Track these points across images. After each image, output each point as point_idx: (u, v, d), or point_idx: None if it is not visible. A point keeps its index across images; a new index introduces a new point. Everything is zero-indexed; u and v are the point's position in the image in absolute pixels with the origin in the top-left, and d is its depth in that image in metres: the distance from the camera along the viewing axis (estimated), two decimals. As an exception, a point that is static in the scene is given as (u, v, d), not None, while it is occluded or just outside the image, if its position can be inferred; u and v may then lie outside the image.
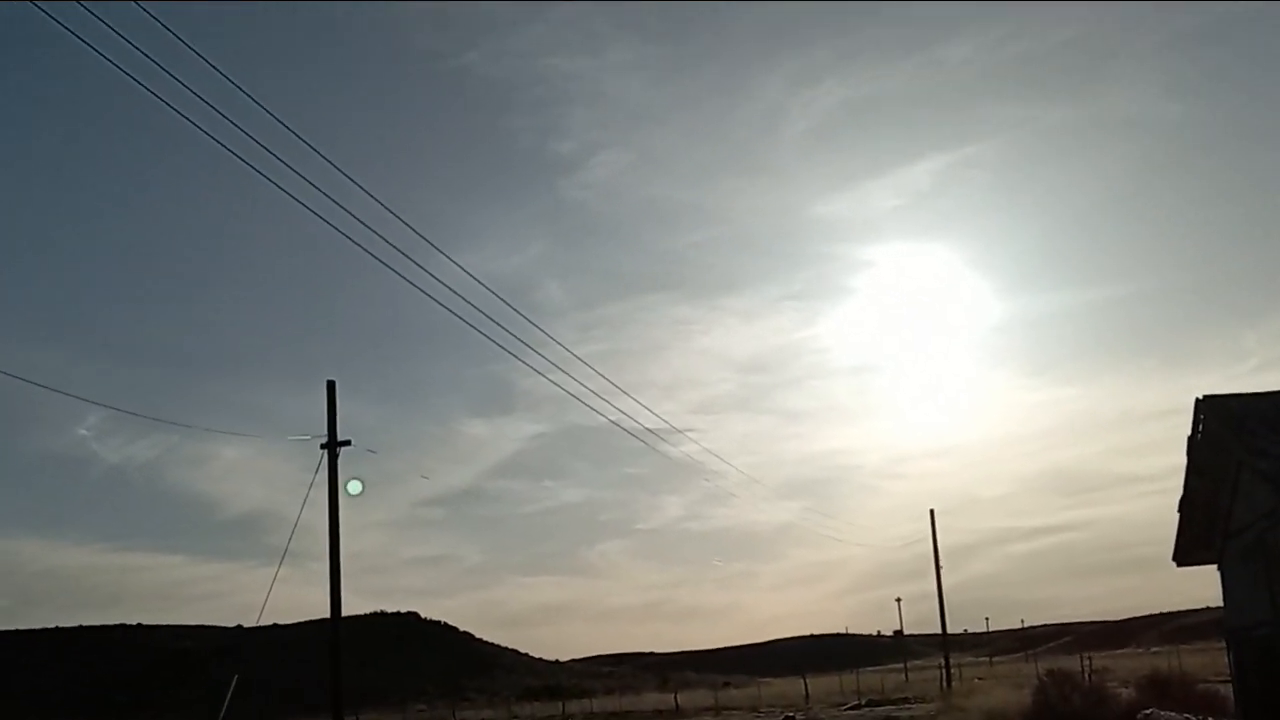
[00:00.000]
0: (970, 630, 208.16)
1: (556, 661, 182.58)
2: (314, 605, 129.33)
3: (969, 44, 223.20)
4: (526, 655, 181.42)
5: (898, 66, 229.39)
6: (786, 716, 51.59)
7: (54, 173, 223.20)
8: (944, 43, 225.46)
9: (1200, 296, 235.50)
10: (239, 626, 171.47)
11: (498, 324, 25.60)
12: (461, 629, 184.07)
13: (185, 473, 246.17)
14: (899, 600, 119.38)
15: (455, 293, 24.50)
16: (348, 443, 27.93)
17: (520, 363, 27.06)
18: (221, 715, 28.27)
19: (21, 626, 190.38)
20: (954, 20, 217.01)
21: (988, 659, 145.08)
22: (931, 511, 68.99)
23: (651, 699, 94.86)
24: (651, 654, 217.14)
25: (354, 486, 27.95)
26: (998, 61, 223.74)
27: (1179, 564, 28.21)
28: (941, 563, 68.48)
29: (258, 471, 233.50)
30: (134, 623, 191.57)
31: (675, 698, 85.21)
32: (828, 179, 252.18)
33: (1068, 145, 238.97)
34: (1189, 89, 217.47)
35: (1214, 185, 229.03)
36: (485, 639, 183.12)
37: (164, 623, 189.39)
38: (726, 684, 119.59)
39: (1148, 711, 25.10)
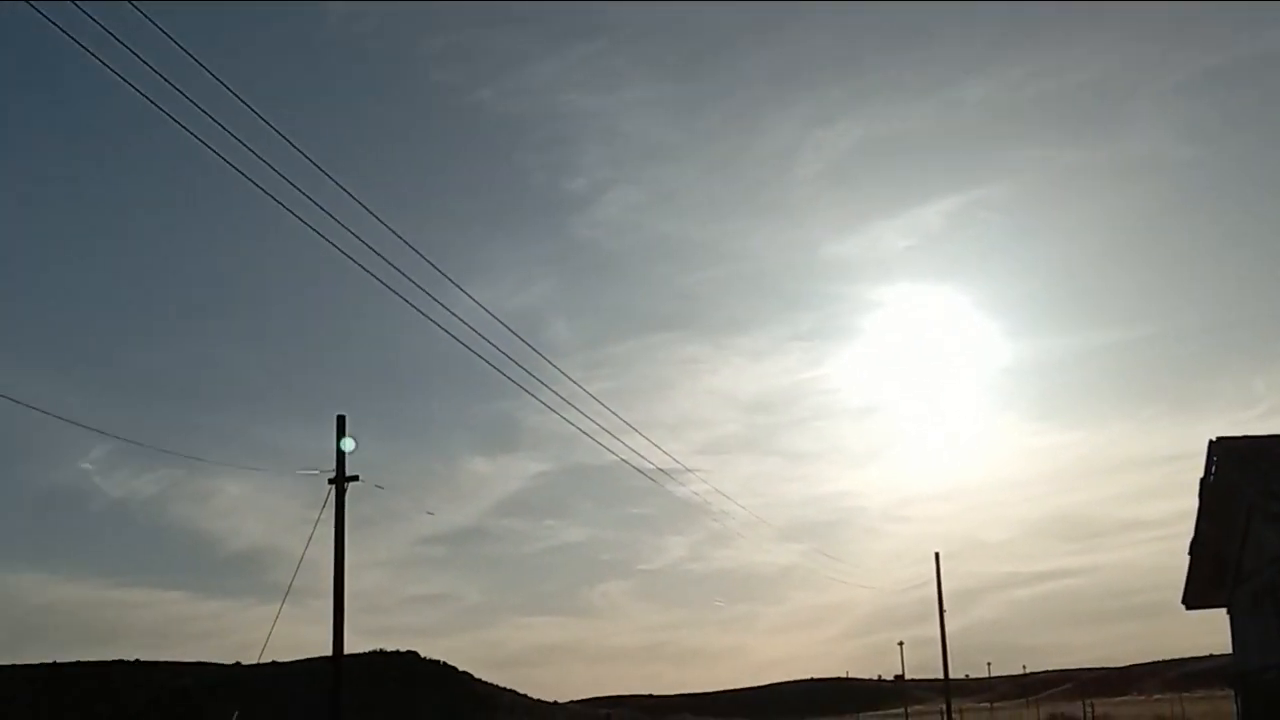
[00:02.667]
0: (971, 675, 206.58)
1: (555, 703, 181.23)
2: (313, 643, 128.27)
3: (987, 84, 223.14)
4: (525, 696, 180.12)
5: (914, 106, 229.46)
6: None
7: (61, 198, 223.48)
8: (961, 83, 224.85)
9: (1210, 341, 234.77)
10: (238, 664, 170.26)
11: (508, 357, 25.56)
12: (461, 669, 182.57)
13: (188, 508, 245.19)
14: (901, 644, 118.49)
15: (467, 325, 24.48)
16: (355, 478, 27.83)
17: (527, 400, 26.96)
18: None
19: (18, 661, 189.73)
20: (972, 61, 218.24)
21: (989, 705, 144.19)
22: (936, 555, 68.72)
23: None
24: (650, 696, 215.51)
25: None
26: (1015, 102, 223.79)
27: (1188, 607, 28.06)
28: (945, 606, 68.30)
29: (260, 507, 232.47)
30: (132, 659, 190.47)
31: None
32: (840, 219, 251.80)
33: (1082, 186, 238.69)
34: (1204, 132, 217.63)
35: (1227, 229, 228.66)
36: (484, 679, 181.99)
37: (163, 659, 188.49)
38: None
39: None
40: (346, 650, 27.76)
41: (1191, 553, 26.96)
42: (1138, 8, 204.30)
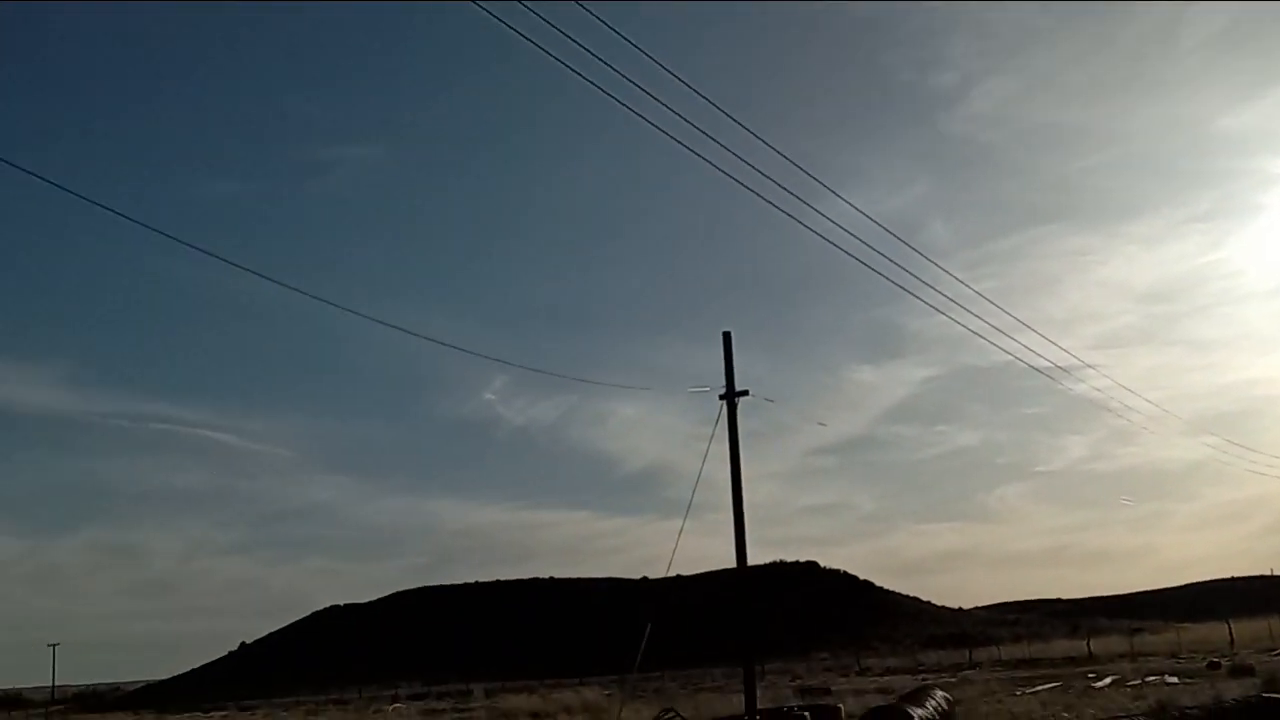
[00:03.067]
0: None
1: (959, 609, 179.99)
2: (714, 556, 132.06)
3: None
4: (929, 603, 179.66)
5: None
6: (1210, 662, 48.90)
7: (453, 143, 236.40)
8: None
9: None
10: (644, 578, 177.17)
11: (889, 259, 25.13)
12: (861, 577, 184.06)
13: (586, 431, 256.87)
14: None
15: (845, 230, 24.19)
16: (745, 392, 28.06)
17: (909, 303, 26.65)
18: (637, 663, 29.00)
19: (444, 582, 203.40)
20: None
21: None
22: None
23: (1061, 646, 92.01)
24: (1059, 600, 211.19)
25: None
26: None
27: None
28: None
29: (654, 427, 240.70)
30: (546, 576, 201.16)
31: (1088, 644, 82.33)
32: (1232, 89, 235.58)
33: None
34: None
35: None
36: (885, 587, 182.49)
37: (574, 575, 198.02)
38: (1139, 629, 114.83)
39: None
40: (748, 562, 28.15)
41: None
42: None
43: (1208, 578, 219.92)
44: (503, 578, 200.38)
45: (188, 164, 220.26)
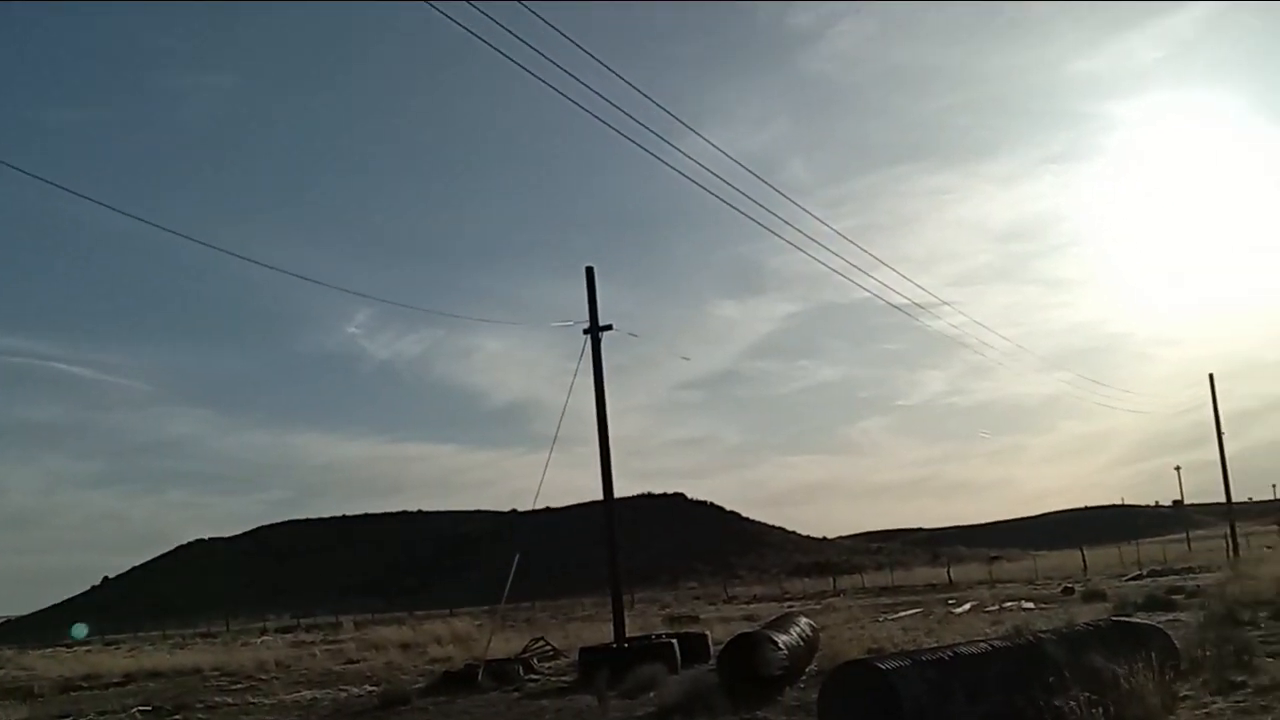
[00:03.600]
0: (1255, 498, 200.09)
1: (824, 539, 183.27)
2: (582, 489, 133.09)
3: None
4: (794, 533, 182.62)
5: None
6: (1065, 588, 50.38)
7: (312, 75, 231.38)
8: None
9: None
10: (513, 510, 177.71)
11: (749, 198, 25.14)
12: (728, 508, 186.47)
13: (451, 365, 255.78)
14: (1178, 469, 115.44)
15: (706, 169, 24.12)
16: (609, 327, 28.08)
17: (770, 241, 26.93)
18: (506, 594, 29.06)
19: (310, 515, 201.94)
20: None
21: (1275, 527, 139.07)
22: (1210, 376, 66.36)
23: (923, 574, 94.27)
24: (920, 529, 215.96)
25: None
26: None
27: None
28: (1223, 429, 65.97)
29: (520, 361, 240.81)
30: (414, 509, 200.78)
31: (948, 571, 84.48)
32: (1083, 33, 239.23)
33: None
34: None
35: None
36: (752, 517, 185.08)
37: (442, 509, 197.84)
38: (996, 557, 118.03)
39: None
40: (616, 494, 28.29)
41: None
42: None
43: (1062, 508, 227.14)
44: (370, 511, 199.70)
45: (31, 90, 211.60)
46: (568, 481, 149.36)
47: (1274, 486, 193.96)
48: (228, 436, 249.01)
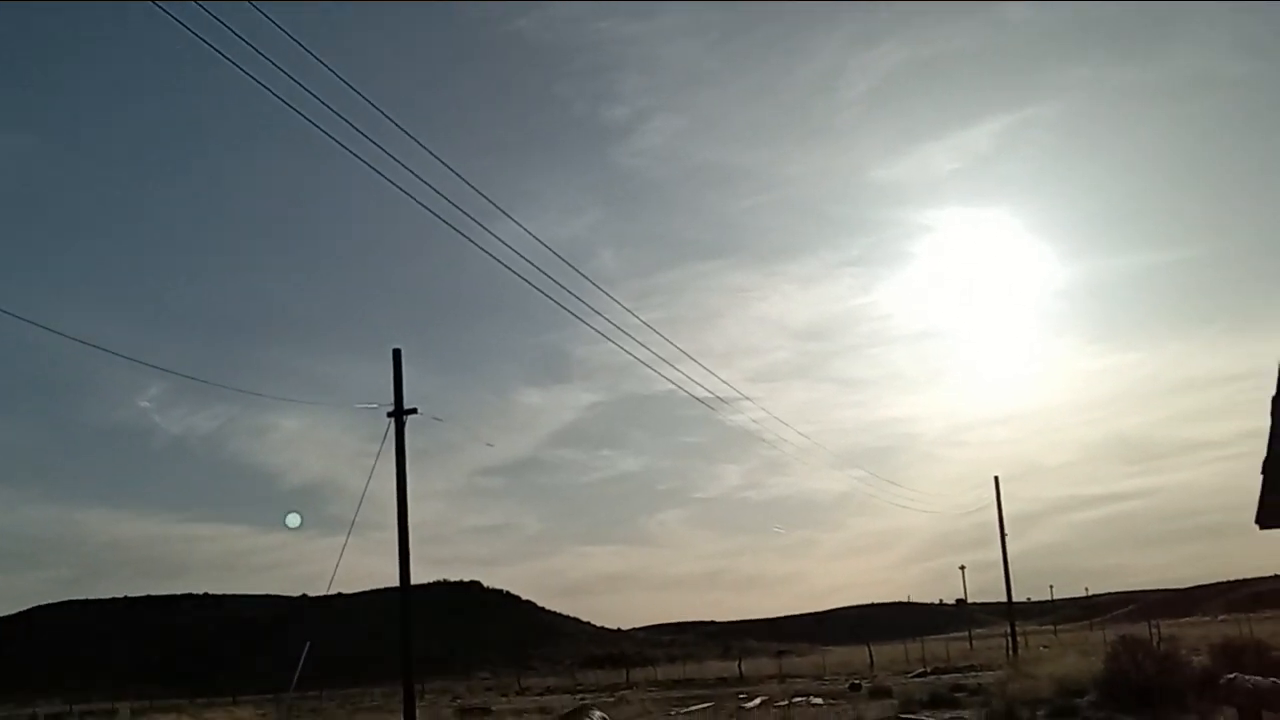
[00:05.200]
0: (1034, 599, 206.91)
1: (619, 630, 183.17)
2: (377, 574, 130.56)
3: (1031, 2, 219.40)
4: (589, 624, 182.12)
5: (959, 25, 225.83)
6: (852, 684, 51.24)
7: (115, 137, 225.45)
8: (1006, 1, 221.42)
9: (1267, 260, 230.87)
10: (304, 595, 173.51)
11: (559, 284, 25.39)
12: (524, 598, 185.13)
13: (246, 443, 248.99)
14: (963, 568, 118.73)
15: (517, 253, 24.33)
16: (414, 410, 27.84)
17: (577, 329, 27.11)
18: (294, 682, 28.35)
19: (90, 596, 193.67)
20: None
21: (1052, 627, 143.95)
22: (996, 479, 68.51)
23: (715, 667, 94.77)
24: (713, 622, 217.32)
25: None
26: (1060, 20, 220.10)
27: (1262, 526, 27.57)
28: (1005, 530, 68.08)
29: (319, 441, 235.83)
30: (201, 592, 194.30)
31: (739, 665, 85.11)
32: (886, 142, 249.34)
33: (1133, 106, 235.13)
34: (1257, 47, 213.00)
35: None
36: (547, 607, 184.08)
37: (231, 592, 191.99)
38: (786, 652, 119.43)
39: (1231, 676, 24.48)
40: (412, 581, 27.94)
41: (1264, 472, 26.48)
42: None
43: (851, 603, 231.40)
44: (155, 592, 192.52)
45: None
46: (364, 567, 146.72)
47: (1051, 588, 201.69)
48: (4, 511, 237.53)
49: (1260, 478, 26.93)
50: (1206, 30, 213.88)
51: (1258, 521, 27.75)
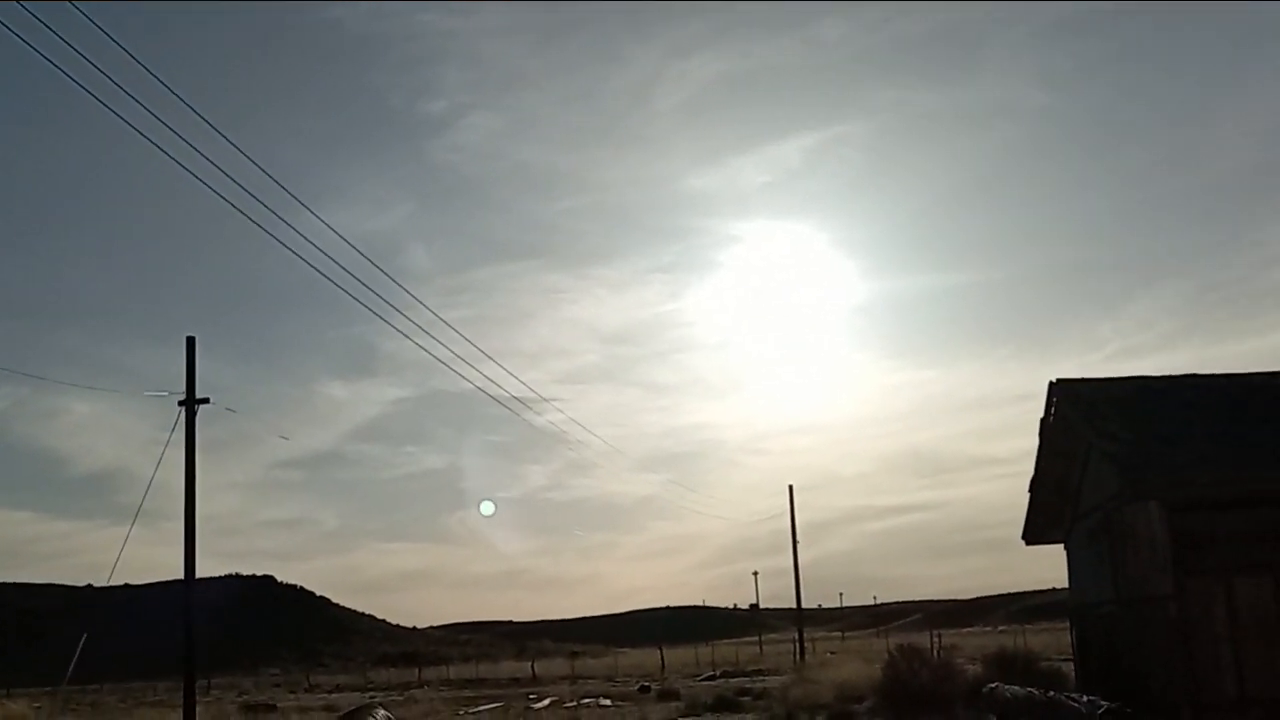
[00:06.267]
0: (824, 606, 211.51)
1: (414, 628, 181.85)
2: (167, 566, 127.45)
3: (846, 23, 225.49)
4: (384, 622, 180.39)
5: (773, 42, 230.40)
6: (642, 686, 51.88)
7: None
8: (820, 21, 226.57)
9: (1059, 284, 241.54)
10: (89, 586, 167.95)
11: (363, 284, 25.19)
12: (318, 593, 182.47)
13: (34, 427, 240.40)
14: (755, 574, 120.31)
15: (321, 250, 24.00)
16: (206, 400, 27.39)
17: (384, 325, 26.73)
18: (68, 676, 27.66)
19: None
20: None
21: (840, 634, 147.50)
22: (790, 488, 69.98)
23: (509, 667, 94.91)
24: (510, 622, 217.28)
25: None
26: (873, 42, 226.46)
27: (1028, 543, 28.95)
28: (799, 538, 69.67)
29: (110, 428, 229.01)
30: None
31: (532, 666, 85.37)
32: (699, 153, 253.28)
33: (937, 129, 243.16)
34: (1057, 79, 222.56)
35: (1077, 175, 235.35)
36: (342, 604, 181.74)
37: (11, 580, 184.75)
38: (576, 653, 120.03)
39: (993, 685, 25.75)
40: (202, 574, 27.51)
41: (1032, 491, 27.81)
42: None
43: (647, 606, 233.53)
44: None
45: None
46: (153, 557, 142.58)
47: (841, 595, 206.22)
48: None
49: (1028, 495, 28.35)
50: (1010, 60, 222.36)
51: (1024, 538, 29.18)
